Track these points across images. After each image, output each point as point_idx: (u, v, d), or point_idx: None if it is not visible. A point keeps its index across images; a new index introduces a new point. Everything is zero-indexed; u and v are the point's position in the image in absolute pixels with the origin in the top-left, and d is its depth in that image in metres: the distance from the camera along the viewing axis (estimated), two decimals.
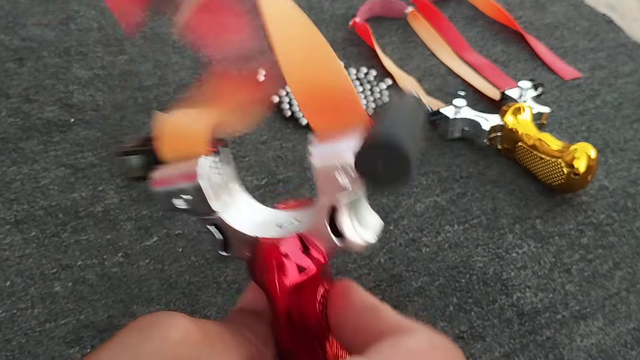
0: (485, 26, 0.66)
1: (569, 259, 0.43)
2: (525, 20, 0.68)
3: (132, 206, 0.43)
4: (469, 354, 0.37)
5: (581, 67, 0.62)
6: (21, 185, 0.44)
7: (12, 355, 0.34)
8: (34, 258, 0.39)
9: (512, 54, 0.63)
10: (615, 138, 0.54)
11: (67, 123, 0.49)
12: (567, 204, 0.47)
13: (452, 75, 0.59)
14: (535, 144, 0.47)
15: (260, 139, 0.50)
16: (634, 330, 0.39)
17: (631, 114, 0.57)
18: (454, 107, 0.51)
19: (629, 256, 0.44)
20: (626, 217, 0.47)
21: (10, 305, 0.37)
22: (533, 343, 0.38)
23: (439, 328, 0.38)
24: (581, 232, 0.45)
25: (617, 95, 0.59)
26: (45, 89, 0.52)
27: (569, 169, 0.45)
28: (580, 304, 0.41)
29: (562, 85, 0.59)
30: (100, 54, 0.56)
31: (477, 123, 0.50)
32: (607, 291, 0.42)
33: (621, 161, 0.52)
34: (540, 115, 0.51)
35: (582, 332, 0.39)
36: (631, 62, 0.63)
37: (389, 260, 0.41)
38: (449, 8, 0.68)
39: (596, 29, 0.67)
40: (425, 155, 0.50)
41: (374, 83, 0.56)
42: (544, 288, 0.41)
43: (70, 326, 0.36)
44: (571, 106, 0.57)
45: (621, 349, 0.38)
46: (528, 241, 0.44)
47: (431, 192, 0.47)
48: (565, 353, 0.38)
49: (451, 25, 0.65)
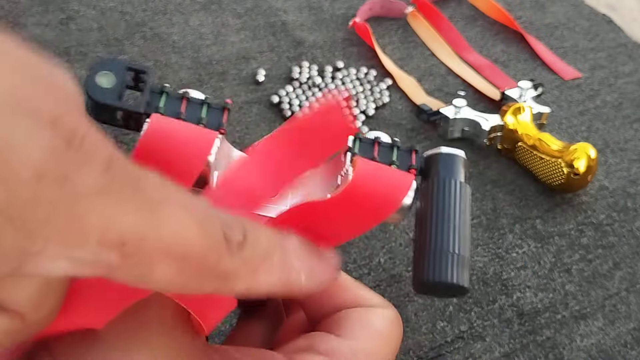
0: (485, 26, 0.66)
1: (569, 259, 0.43)
2: (525, 20, 0.68)
3: None
4: (469, 353, 0.37)
5: (581, 67, 0.62)
6: None
7: None
8: None
9: (512, 54, 0.63)
10: (615, 138, 0.54)
11: None
12: (567, 204, 0.47)
13: (452, 75, 0.59)
14: (535, 144, 0.47)
15: (260, 138, 0.50)
16: (634, 330, 0.39)
17: (631, 114, 0.57)
18: (454, 107, 0.51)
19: (629, 256, 0.44)
20: (626, 217, 0.47)
21: None
22: (533, 343, 0.38)
23: (439, 328, 0.38)
24: (581, 232, 0.45)
25: (617, 95, 0.59)
26: None
27: (569, 169, 0.45)
28: (580, 304, 0.41)
29: (562, 85, 0.59)
30: (101, 54, 0.56)
31: (477, 123, 0.50)
32: (607, 291, 0.42)
33: (621, 161, 0.52)
34: (540, 115, 0.51)
35: (582, 332, 0.39)
36: (631, 62, 0.63)
37: (389, 260, 0.41)
38: (449, 8, 0.68)
39: (596, 29, 0.67)
40: None
41: (374, 83, 0.56)
42: (544, 288, 0.41)
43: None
44: (571, 106, 0.57)
45: (621, 349, 0.38)
46: (528, 241, 0.44)
47: None
48: (565, 353, 0.38)
49: (451, 25, 0.65)
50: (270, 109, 0.53)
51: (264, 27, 0.62)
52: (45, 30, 0.58)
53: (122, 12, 0.61)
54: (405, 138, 0.51)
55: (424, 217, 0.24)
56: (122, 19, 0.60)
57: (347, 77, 0.56)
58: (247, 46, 0.59)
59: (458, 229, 0.23)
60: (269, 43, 0.60)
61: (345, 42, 0.61)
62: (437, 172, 0.25)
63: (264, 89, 0.55)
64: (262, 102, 0.53)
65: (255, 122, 0.51)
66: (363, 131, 0.25)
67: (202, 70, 0.56)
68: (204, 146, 0.23)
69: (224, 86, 0.54)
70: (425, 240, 0.24)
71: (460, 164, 0.25)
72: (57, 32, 0.58)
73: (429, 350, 0.37)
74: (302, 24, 0.63)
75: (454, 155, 0.25)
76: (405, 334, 0.37)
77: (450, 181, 0.24)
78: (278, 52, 0.59)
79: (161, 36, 0.59)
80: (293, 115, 0.52)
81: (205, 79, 0.55)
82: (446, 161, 0.25)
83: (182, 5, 0.63)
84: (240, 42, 0.60)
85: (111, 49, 0.57)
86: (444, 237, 0.23)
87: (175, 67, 0.56)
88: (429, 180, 0.25)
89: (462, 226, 0.24)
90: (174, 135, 0.23)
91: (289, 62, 0.58)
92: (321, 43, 0.61)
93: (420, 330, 0.38)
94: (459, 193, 0.24)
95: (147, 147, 0.22)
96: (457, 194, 0.24)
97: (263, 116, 0.52)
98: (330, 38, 0.61)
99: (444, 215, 0.24)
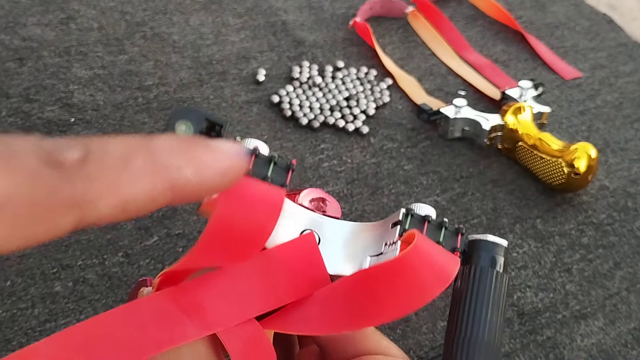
0: (486, 26, 0.66)
1: (570, 259, 0.43)
2: (525, 20, 0.67)
3: None
4: None
5: (582, 66, 0.62)
6: None
7: None
8: (35, 258, 0.39)
9: (512, 53, 0.63)
10: (615, 138, 0.54)
11: (68, 123, 0.49)
12: (567, 204, 0.47)
13: (452, 74, 0.59)
14: (535, 144, 0.47)
15: (260, 138, 0.50)
16: (634, 330, 0.39)
17: (632, 113, 0.57)
18: (455, 106, 0.51)
19: (630, 256, 0.44)
20: (627, 217, 0.47)
21: (10, 305, 0.37)
22: (533, 343, 0.38)
23: (439, 328, 0.38)
24: (581, 232, 0.45)
25: (617, 95, 0.59)
26: (45, 88, 0.52)
27: (570, 169, 0.45)
28: (581, 304, 0.41)
29: (563, 85, 0.59)
30: (101, 53, 0.56)
31: (477, 123, 0.50)
32: (607, 291, 0.42)
33: (622, 161, 0.52)
34: (541, 114, 0.51)
35: (583, 331, 0.39)
36: (632, 61, 0.63)
37: None
38: (450, 8, 0.68)
39: (597, 29, 0.67)
40: (425, 155, 0.50)
41: (374, 83, 0.56)
42: (545, 288, 0.41)
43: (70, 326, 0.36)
44: (572, 106, 0.57)
45: (621, 348, 0.38)
46: (528, 241, 0.44)
47: (431, 191, 0.47)
48: (565, 353, 0.38)
49: (451, 24, 0.65)
50: (270, 109, 0.53)
51: (264, 27, 0.62)
52: (45, 30, 0.58)
53: (122, 11, 0.61)
54: (405, 138, 0.51)
55: (459, 302, 0.25)
56: (122, 19, 0.60)
57: (348, 77, 0.56)
58: (247, 46, 0.59)
59: (490, 318, 0.24)
60: (269, 43, 0.60)
61: (345, 42, 0.61)
62: (477, 259, 0.25)
63: (264, 89, 0.54)
64: (262, 101, 0.53)
65: (256, 122, 0.51)
66: (411, 205, 0.26)
67: (203, 70, 0.56)
68: (276, 204, 0.23)
69: (224, 86, 0.54)
70: (458, 326, 0.24)
71: (501, 253, 0.26)
72: (57, 31, 0.58)
73: (429, 350, 0.37)
74: (303, 24, 0.63)
75: (497, 244, 0.26)
76: (405, 334, 0.37)
77: (488, 271, 0.25)
78: (278, 51, 0.59)
79: (161, 36, 0.59)
80: (293, 115, 0.52)
81: (206, 78, 0.55)
82: (488, 250, 0.25)
83: (183, 5, 0.63)
84: (240, 41, 0.60)
85: (111, 48, 0.57)
86: (475, 325, 0.24)
87: (175, 67, 0.56)
88: (470, 265, 0.26)
89: (494, 315, 0.24)
90: (249, 192, 0.23)
91: (289, 62, 0.58)
92: (321, 43, 0.61)
93: (420, 330, 0.38)
94: (496, 284, 0.25)
95: (226, 198, 0.22)
96: (494, 285, 0.25)
97: (263, 116, 0.52)
98: (330, 38, 0.61)
99: (478, 303, 0.25)
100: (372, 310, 0.22)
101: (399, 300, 0.22)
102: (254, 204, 0.22)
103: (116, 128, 0.49)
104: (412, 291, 0.22)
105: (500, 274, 0.25)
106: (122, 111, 0.51)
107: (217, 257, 0.22)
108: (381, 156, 0.49)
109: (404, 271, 0.22)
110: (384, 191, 0.46)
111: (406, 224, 0.25)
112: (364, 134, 0.51)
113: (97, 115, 0.50)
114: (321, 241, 0.25)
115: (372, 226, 0.27)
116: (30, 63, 0.54)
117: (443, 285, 0.22)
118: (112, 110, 0.51)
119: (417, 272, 0.22)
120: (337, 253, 0.26)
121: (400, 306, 0.22)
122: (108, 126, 0.49)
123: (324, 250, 0.25)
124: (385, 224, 0.26)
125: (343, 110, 0.53)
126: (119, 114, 0.50)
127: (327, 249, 0.25)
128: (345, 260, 0.25)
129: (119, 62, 0.55)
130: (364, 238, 0.26)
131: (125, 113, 0.50)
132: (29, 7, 0.60)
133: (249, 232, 0.22)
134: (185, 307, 0.22)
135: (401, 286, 0.22)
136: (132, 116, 0.50)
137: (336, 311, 0.22)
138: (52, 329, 0.36)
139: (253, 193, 0.22)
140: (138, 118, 0.50)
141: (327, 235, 0.26)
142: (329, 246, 0.26)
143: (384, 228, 0.26)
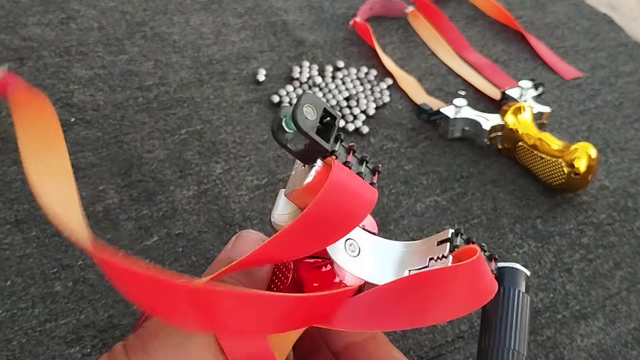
0: (486, 26, 0.66)
1: (570, 259, 0.43)
2: (525, 20, 0.68)
3: (133, 206, 0.43)
4: (469, 353, 0.37)
5: (582, 66, 0.62)
6: (22, 185, 0.44)
7: (13, 355, 0.34)
8: (35, 258, 0.39)
9: (512, 53, 0.63)
10: (615, 138, 0.54)
11: (68, 123, 0.49)
12: (567, 204, 0.47)
13: (452, 74, 0.59)
14: (535, 144, 0.47)
15: (260, 138, 0.50)
16: (634, 330, 0.39)
17: (632, 113, 0.57)
18: (455, 106, 0.51)
19: (630, 256, 0.44)
20: (627, 217, 0.47)
21: (10, 304, 0.37)
22: (533, 343, 0.38)
23: (440, 328, 0.38)
24: (582, 232, 0.45)
25: (617, 95, 0.59)
26: (45, 88, 0.52)
27: (570, 169, 0.45)
28: (581, 304, 0.41)
29: (563, 85, 0.59)
30: (101, 53, 0.56)
31: (477, 123, 0.50)
32: (607, 291, 0.42)
33: (622, 161, 0.52)
34: (541, 114, 0.51)
35: (583, 331, 0.39)
36: (632, 61, 0.63)
37: None
38: (450, 8, 0.68)
39: (597, 29, 0.67)
40: (425, 155, 0.50)
41: (374, 83, 0.56)
42: (545, 288, 0.41)
43: (70, 326, 0.36)
44: (572, 106, 0.57)
45: (622, 348, 0.38)
46: (528, 241, 0.44)
47: (432, 191, 0.47)
48: (565, 353, 0.38)
49: (452, 24, 0.65)
50: (270, 109, 0.53)
51: (265, 27, 0.62)
52: (45, 29, 0.58)
53: (122, 11, 0.61)
54: (405, 138, 0.51)
55: (490, 317, 0.28)
56: (122, 19, 0.60)
57: (348, 77, 0.56)
58: (247, 46, 0.59)
59: (517, 329, 0.28)
60: (270, 43, 0.60)
61: (345, 42, 0.61)
62: (503, 281, 0.29)
63: (264, 89, 0.54)
64: (262, 101, 0.53)
65: (256, 122, 0.51)
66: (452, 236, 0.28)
67: (203, 70, 0.56)
68: (371, 200, 0.25)
69: (224, 86, 0.54)
70: (489, 337, 0.28)
71: (522, 278, 0.29)
72: (58, 31, 0.58)
73: (430, 350, 0.37)
74: (303, 24, 0.63)
75: (520, 270, 0.29)
76: (405, 334, 0.37)
77: (514, 290, 0.29)
78: (278, 51, 0.59)
79: (162, 36, 0.59)
80: None
81: (206, 78, 0.55)
82: (512, 274, 0.29)
83: (183, 5, 0.63)
84: (240, 41, 0.60)
85: (112, 48, 0.57)
86: (505, 335, 0.27)
87: (175, 67, 0.56)
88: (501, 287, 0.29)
89: (520, 327, 0.28)
90: (351, 184, 0.25)
91: (290, 62, 0.58)
92: (321, 42, 0.61)
93: (420, 329, 0.38)
94: (520, 301, 0.28)
95: (335, 185, 0.24)
96: (518, 301, 0.28)
97: (263, 116, 0.52)
98: (330, 38, 0.61)
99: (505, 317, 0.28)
100: (426, 311, 0.24)
101: (454, 303, 0.24)
102: (354, 195, 0.24)
103: (116, 128, 0.49)
104: (467, 297, 0.25)
105: (523, 293, 0.29)
106: (122, 111, 0.51)
107: (308, 240, 0.23)
108: (381, 156, 0.49)
109: (463, 277, 0.24)
110: (384, 191, 0.46)
111: (456, 241, 0.28)
112: (364, 134, 0.51)
113: (98, 115, 0.50)
114: (360, 252, 0.27)
115: (413, 244, 0.29)
116: (30, 63, 0.54)
117: (487, 299, 0.26)
118: (113, 110, 0.51)
119: (474, 281, 0.25)
120: (376, 264, 0.28)
121: (453, 309, 0.24)
122: (108, 126, 0.49)
123: (363, 260, 0.27)
124: (429, 242, 0.28)
125: (343, 110, 0.53)
126: (119, 113, 0.50)
127: (366, 260, 0.27)
128: (383, 271, 0.28)
129: (119, 62, 0.55)
130: (403, 252, 0.29)
131: (125, 113, 0.50)
132: (29, 7, 0.60)
133: (342, 220, 0.24)
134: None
135: (459, 291, 0.24)
136: (132, 116, 0.50)
137: (387, 309, 0.24)
138: (52, 329, 0.36)
139: (355, 185, 0.25)
140: (138, 118, 0.50)
141: (366, 248, 0.28)
142: (368, 258, 0.28)
143: (427, 246, 0.28)
